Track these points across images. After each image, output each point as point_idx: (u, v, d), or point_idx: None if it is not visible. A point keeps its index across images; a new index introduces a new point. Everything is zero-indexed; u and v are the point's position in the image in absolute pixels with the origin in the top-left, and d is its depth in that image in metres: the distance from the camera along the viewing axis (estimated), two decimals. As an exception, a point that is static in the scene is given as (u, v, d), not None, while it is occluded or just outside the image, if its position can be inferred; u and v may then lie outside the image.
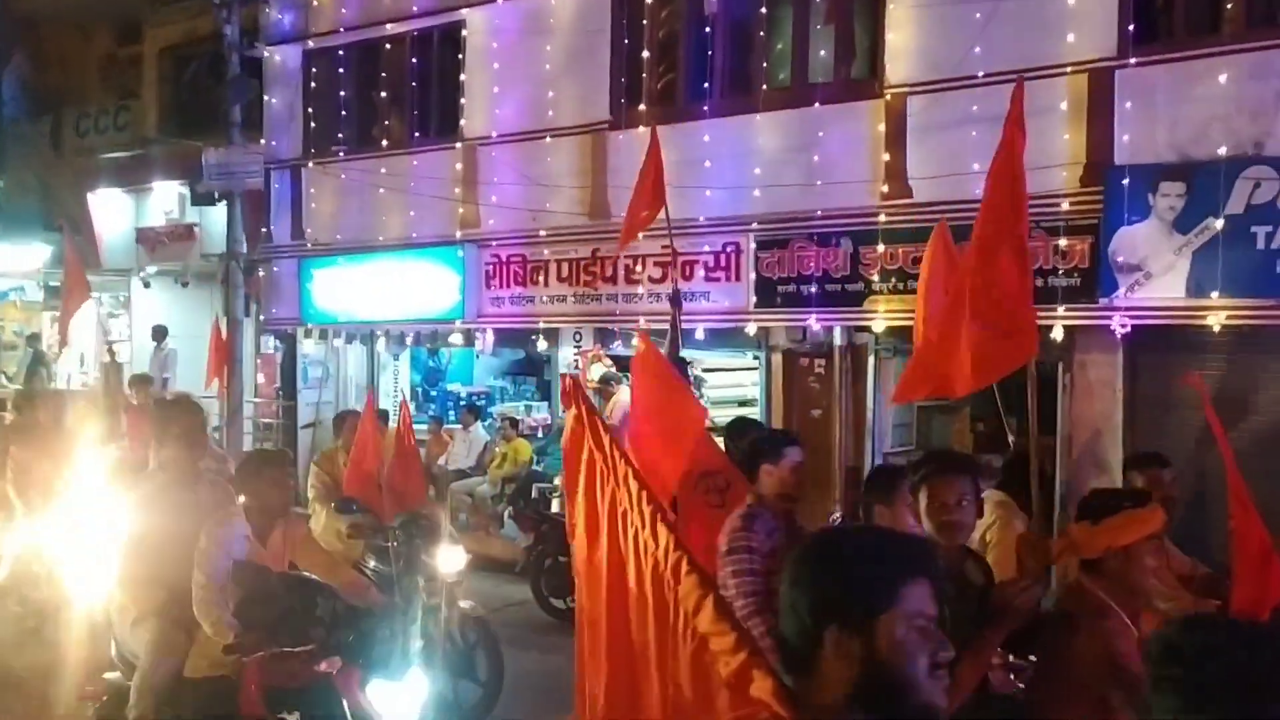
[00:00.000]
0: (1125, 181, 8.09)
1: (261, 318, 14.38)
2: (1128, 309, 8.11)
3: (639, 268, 10.75)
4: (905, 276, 9.20)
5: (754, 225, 10.04)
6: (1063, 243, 8.40)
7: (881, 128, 9.39)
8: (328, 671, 4.49)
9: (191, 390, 14.50)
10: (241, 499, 5.07)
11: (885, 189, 9.34)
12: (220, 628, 4.55)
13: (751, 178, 10.05)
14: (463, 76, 12.09)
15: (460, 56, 12.12)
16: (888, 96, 9.37)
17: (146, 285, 16.88)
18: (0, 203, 18.37)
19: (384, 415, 13.13)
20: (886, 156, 9.34)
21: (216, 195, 13.56)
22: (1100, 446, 8.85)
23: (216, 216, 14.42)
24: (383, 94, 13.00)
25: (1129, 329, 8.19)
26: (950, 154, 8.99)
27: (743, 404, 12.61)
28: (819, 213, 9.63)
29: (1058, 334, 8.49)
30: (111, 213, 16.77)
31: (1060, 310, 8.44)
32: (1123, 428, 8.65)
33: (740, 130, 10.22)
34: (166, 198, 16.14)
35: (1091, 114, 8.37)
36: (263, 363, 14.74)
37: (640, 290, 10.75)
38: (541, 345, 12.00)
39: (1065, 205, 8.41)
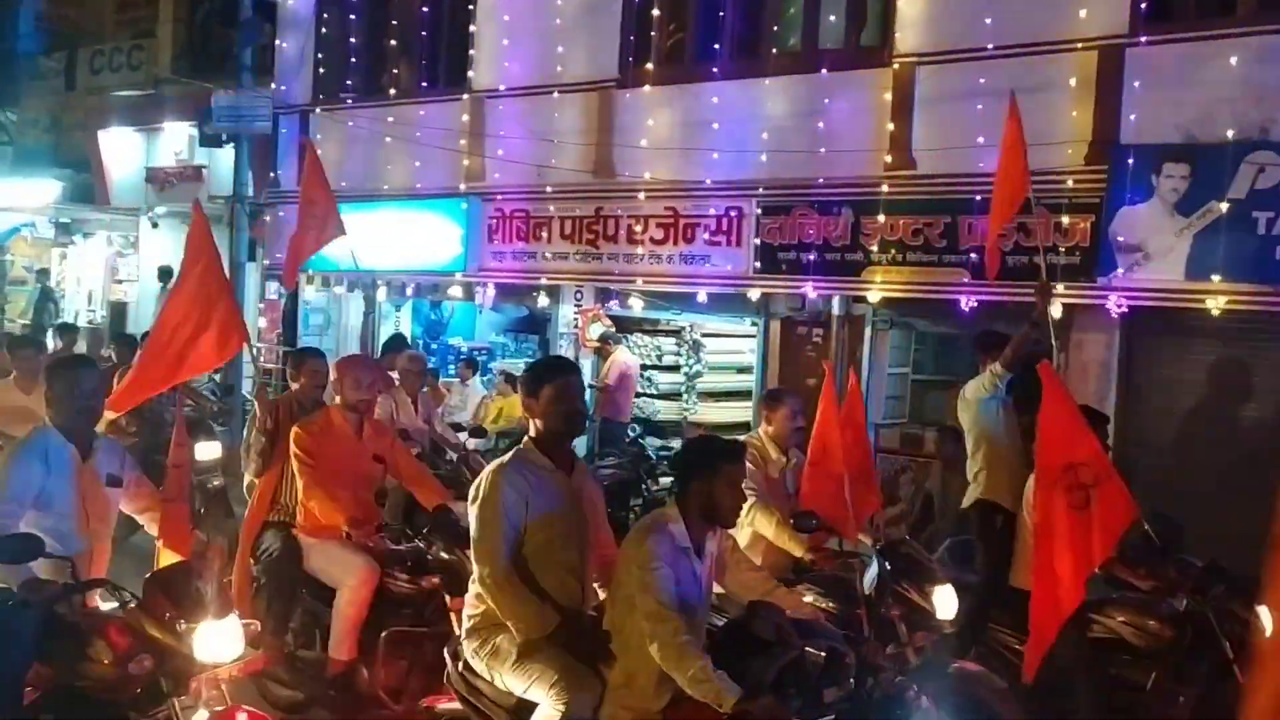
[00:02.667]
0: (1130, 161, 8.02)
1: (265, 262, 14.41)
2: (1125, 289, 8.07)
3: (640, 228, 10.72)
4: (904, 248, 9.16)
5: (758, 190, 9.99)
6: (1064, 220, 8.34)
7: (888, 97, 9.31)
8: None
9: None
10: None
11: (889, 159, 9.27)
12: (708, 685, 3.22)
13: (757, 142, 9.99)
14: (472, 28, 12.01)
15: (470, 7, 12.03)
16: (896, 65, 9.28)
17: (154, 225, 16.91)
18: (12, 137, 18.39)
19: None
20: (891, 126, 9.27)
21: (224, 138, 13.53)
22: (1092, 427, 8.84)
23: (224, 159, 14.41)
24: (392, 42, 12.94)
25: (1126, 309, 8.14)
26: (955, 127, 8.92)
27: (740, 370, 12.65)
28: (822, 180, 9.57)
29: (1055, 311, 8.44)
30: (121, 151, 16.79)
31: (1058, 288, 8.39)
32: (1116, 409, 8.61)
33: (747, 94, 10.14)
34: (176, 138, 16.14)
35: (1099, 92, 8.28)
36: (266, 308, 14.80)
37: (641, 251, 10.73)
38: (542, 302, 12.01)
39: (1069, 183, 8.34)
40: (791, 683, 3.28)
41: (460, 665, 3.89)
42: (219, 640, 3.76)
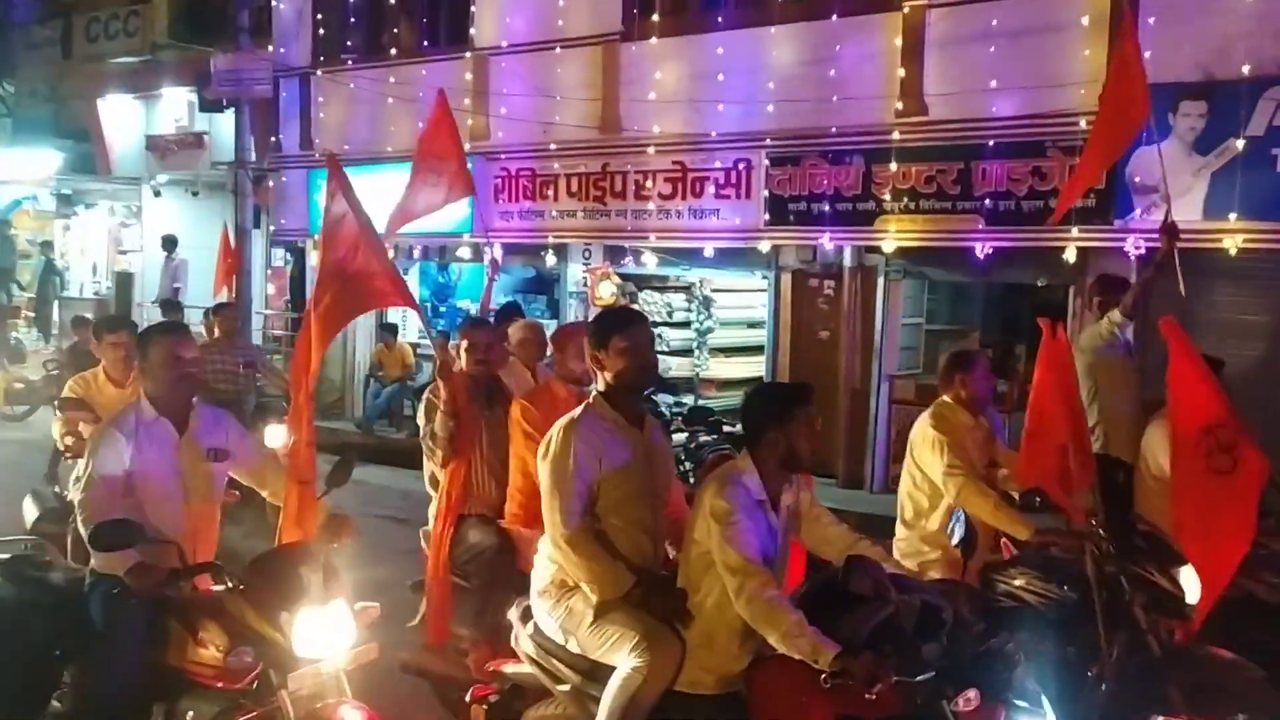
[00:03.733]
0: (1145, 100, 7.88)
1: (271, 228, 14.33)
2: (1143, 231, 7.97)
3: (649, 183, 10.61)
4: (917, 196, 9.07)
5: (766, 141, 9.88)
6: (1079, 162, 8.22)
7: (898, 42, 9.17)
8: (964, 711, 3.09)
9: (201, 301, 14.62)
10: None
11: (900, 106, 9.15)
12: (802, 640, 3.10)
13: (765, 92, 9.87)
14: (473, -18, 11.84)
15: (471, -39, 11.87)
16: (906, 9, 9.13)
17: (157, 194, 16.81)
18: (10, 109, 18.24)
19: (391, 329, 13.24)
20: (902, 72, 9.14)
21: (225, 103, 13.40)
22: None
23: (226, 124, 14.27)
24: (392, 0, 12.76)
25: (1144, 251, 8.05)
26: (968, 70, 8.81)
27: (751, 325, 12.58)
28: (833, 129, 9.46)
29: (1070, 255, 8.38)
30: (121, 120, 16.65)
31: (1074, 231, 8.31)
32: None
33: (754, 43, 10.00)
34: (176, 105, 15.99)
35: (1113, 30, 8.12)
36: (273, 274, 14.74)
37: (650, 206, 10.63)
38: (550, 261, 11.92)
39: (1083, 124, 8.20)
40: (888, 639, 3.09)
41: (530, 628, 3.77)
42: (322, 630, 3.50)
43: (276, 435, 7.13)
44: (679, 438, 8.99)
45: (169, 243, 15.87)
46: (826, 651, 3.02)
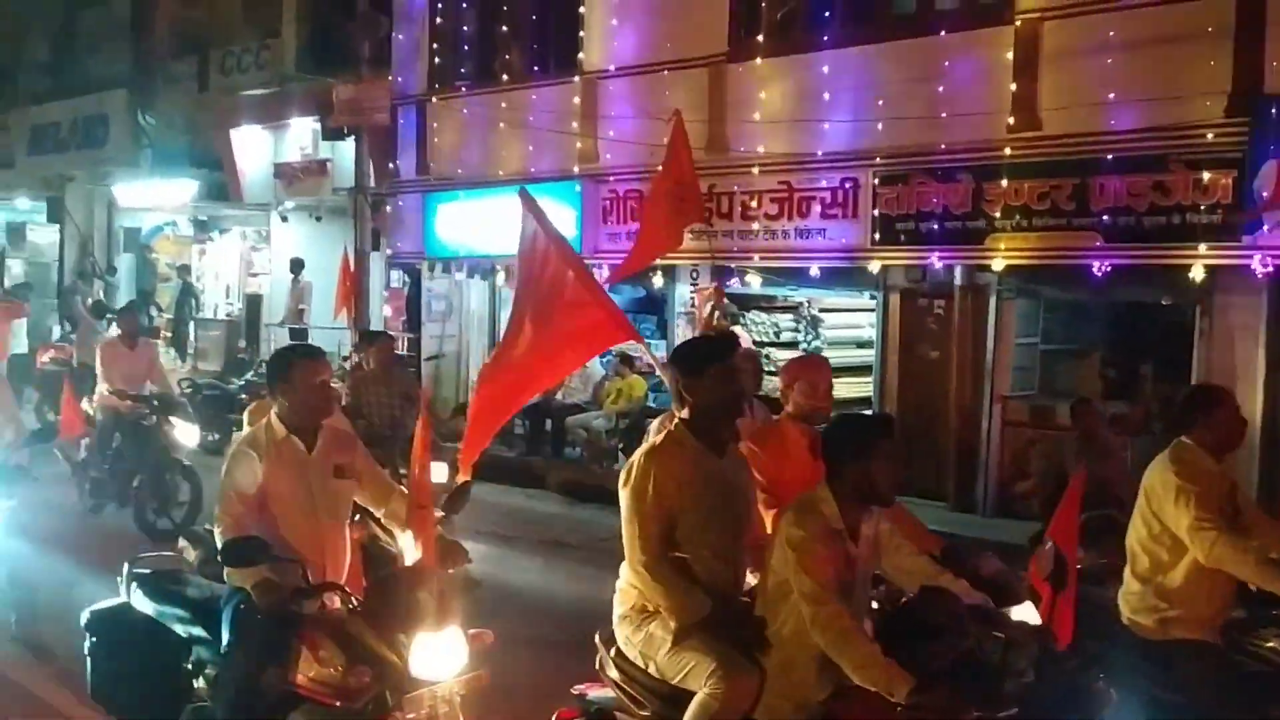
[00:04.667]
0: (1273, 111, 7.53)
1: (388, 251, 14.77)
2: (1271, 248, 7.57)
3: (755, 203, 10.58)
4: (1030, 213, 8.81)
5: (875, 160, 9.75)
6: (1204, 177, 7.88)
7: (1010, 56, 8.94)
8: None
9: (322, 322, 15.17)
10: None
11: (1012, 121, 8.92)
12: (877, 672, 3.02)
13: (872, 110, 9.73)
14: (582, 9, 12.02)
15: (580, -12, 12.06)
16: (1018, 22, 8.90)
17: (284, 219, 17.53)
18: (152, 140, 19.26)
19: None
20: (1014, 86, 8.91)
21: (346, 130, 13.91)
22: (1238, 396, 8.37)
23: (347, 152, 14.81)
24: (503, 28, 13.06)
25: (1272, 270, 7.66)
26: (1084, 83, 8.56)
27: (859, 345, 12.40)
28: (942, 146, 9.28)
29: (1196, 274, 8.02)
30: (251, 149, 17.41)
31: (1200, 249, 7.95)
32: (1264, 376, 8.15)
33: (860, 61, 9.90)
34: (302, 134, 16.67)
35: (1239, 39, 7.78)
36: (390, 296, 15.19)
37: (756, 227, 10.59)
38: (658, 282, 11.98)
39: (1209, 136, 7.88)
40: (969, 673, 2.99)
41: (613, 652, 3.77)
42: (436, 654, 3.53)
43: (440, 472, 7.02)
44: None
45: (296, 265, 16.51)
46: (901, 684, 2.95)
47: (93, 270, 20.36)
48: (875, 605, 3.82)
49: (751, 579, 3.79)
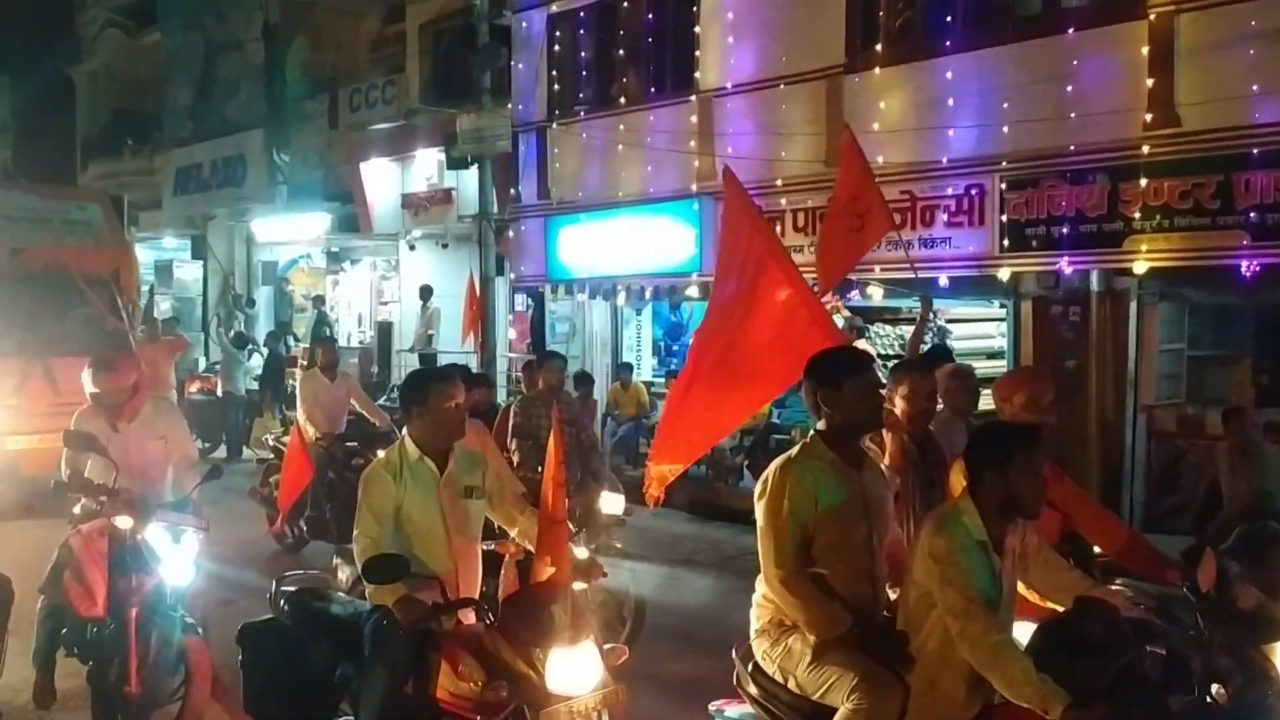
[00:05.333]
0: None
1: (512, 276, 15.04)
2: None
3: (877, 214, 10.39)
4: (1171, 213, 8.44)
5: (1002, 165, 9.48)
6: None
7: (1145, 51, 8.59)
8: None
9: (450, 346, 15.54)
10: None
11: (1148, 118, 8.56)
12: (1030, 689, 2.90)
13: (998, 114, 9.48)
14: (697, 29, 12.07)
15: (695, 9, 12.10)
16: (1152, 16, 8.56)
17: (412, 248, 18.04)
18: (286, 177, 20.11)
19: (627, 368, 13.57)
20: (1150, 82, 8.55)
21: (470, 159, 14.24)
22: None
23: (471, 180, 15.17)
24: (620, 52, 13.20)
25: None
26: (1225, 76, 8.18)
27: (990, 356, 12.04)
28: (1072, 148, 8.97)
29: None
30: (380, 181, 18.01)
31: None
32: None
33: (985, 64, 9.65)
34: (427, 164, 17.16)
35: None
36: (514, 319, 15.45)
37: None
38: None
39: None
40: (1129, 690, 2.86)
41: (750, 668, 3.73)
42: (572, 669, 3.56)
43: (615, 503, 6.90)
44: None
45: (425, 292, 16.97)
46: (1056, 702, 2.82)
47: (234, 303, 21.33)
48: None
49: (891, 594, 3.70)
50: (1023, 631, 3.26)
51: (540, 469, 4.51)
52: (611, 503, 6.85)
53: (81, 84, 27.19)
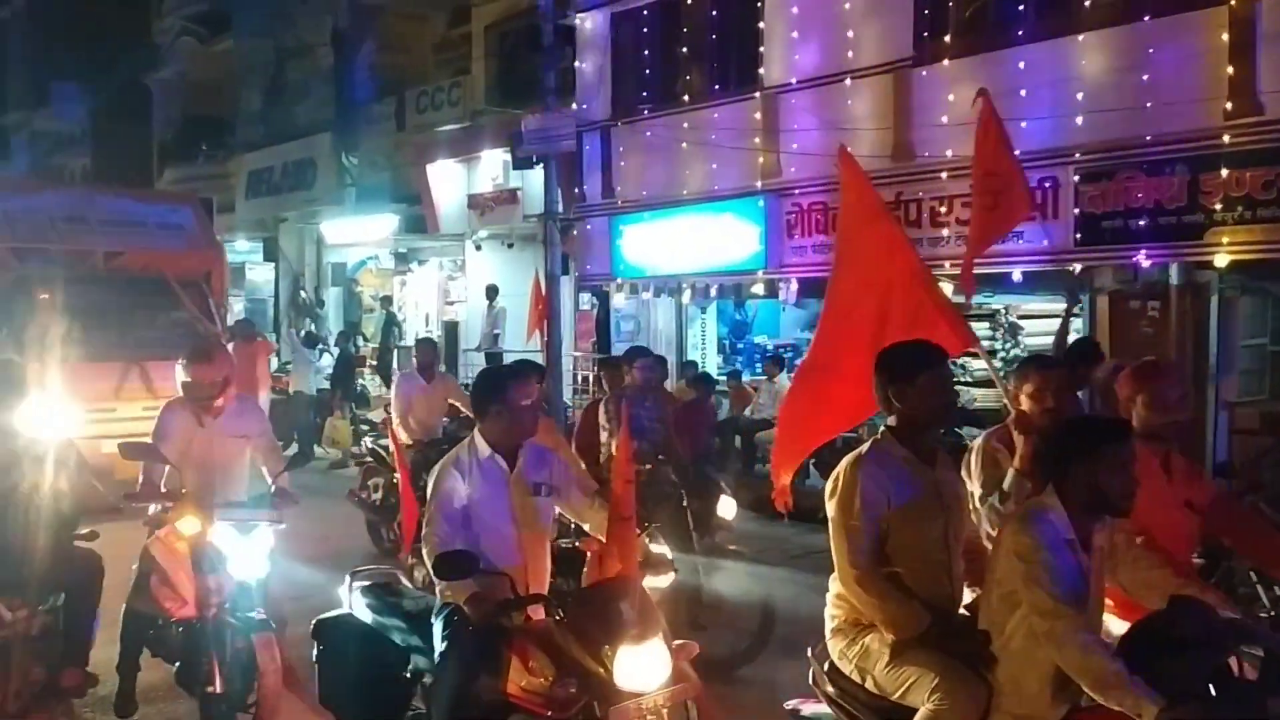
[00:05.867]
0: None
1: (577, 274, 15.09)
2: None
3: (945, 209, 10.25)
4: (1254, 204, 8.20)
5: (1076, 156, 9.29)
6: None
7: (1225, 37, 8.37)
8: None
9: (516, 345, 15.63)
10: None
11: (1229, 107, 8.33)
12: (1122, 691, 2.81)
13: (1072, 105, 9.30)
14: (761, 24, 12.01)
15: (759, 4, 12.04)
16: (1233, 2, 8.32)
17: (478, 248, 18.19)
18: (355, 179, 20.40)
19: (692, 365, 13.53)
20: (1231, 70, 8.32)
21: (535, 159, 14.29)
22: None
23: (536, 180, 15.21)
24: (683, 49, 13.18)
25: None
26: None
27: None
28: (1149, 138, 8.76)
29: None
30: (446, 182, 18.16)
31: None
32: None
33: (1058, 54, 9.47)
34: (493, 165, 17.27)
35: None
36: (579, 318, 15.49)
37: (946, 233, 10.27)
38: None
39: None
40: (1225, 690, 2.76)
41: (827, 667, 3.67)
42: (640, 666, 3.51)
43: (728, 507, 6.88)
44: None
45: (491, 292, 17.10)
46: (1150, 704, 2.72)
47: (304, 304, 21.69)
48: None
49: (968, 593, 3.62)
50: (1113, 631, 3.17)
51: (642, 465, 4.46)
52: (726, 506, 6.83)
53: (157, 91, 27.90)
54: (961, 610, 3.56)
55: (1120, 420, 3.46)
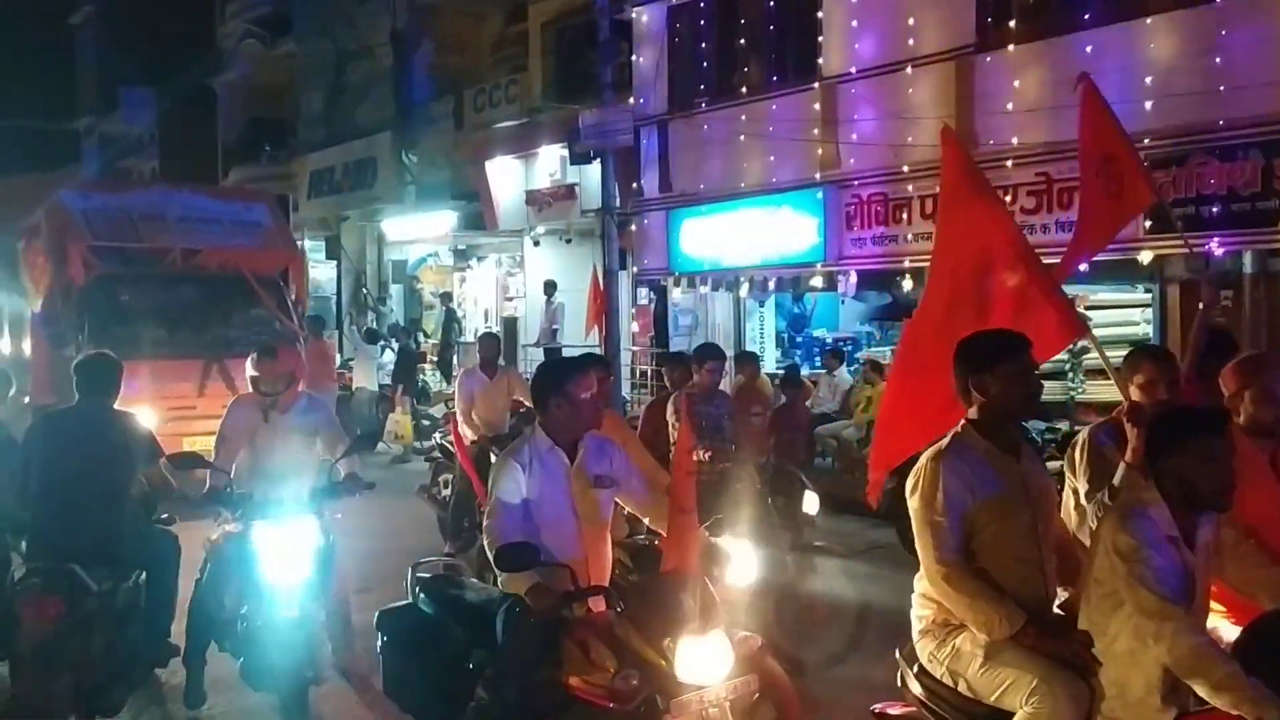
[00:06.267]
0: None
1: (634, 269, 15.10)
2: None
3: (1009, 198, 10.06)
4: (1333, 189, 7.93)
5: (1145, 142, 9.04)
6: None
7: (1303, 16, 8.11)
8: None
9: (574, 340, 15.69)
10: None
11: (1307, 88, 8.07)
12: (1239, 694, 2.74)
13: (1140, 90, 9.07)
14: (819, 14, 11.89)
15: (818, -7, 11.93)
16: (1310, -21, 8.06)
17: (536, 244, 18.29)
18: (414, 178, 20.61)
19: (751, 356, 13.43)
20: (1309, 50, 8.06)
21: (592, 154, 14.32)
22: None
23: (594, 175, 15.25)
24: (741, 42, 13.11)
25: None
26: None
27: (1134, 344, 11.52)
28: (1221, 123, 8.53)
29: None
30: (504, 179, 18.27)
31: None
32: None
33: (1126, 37, 9.26)
34: (550, 161, 17.33)
35: None
36: (637, 312, 15.51)
37: (1012, 222, 10.07)
38: (906, 286, 11.62)
39: None
40: None
41: (915, 669, 3.56)
42: (702, 659, 3.50)
43: (812, 502, 6.92)
44: (1051, 466, 8.37)
45: (550, 287, 17.17)
46: (1271, 708, 2.62)
47: (367, 301, 21.96)
48: None
49: (1061, 592, 3.47)
50: (1221, 632, 3.06)
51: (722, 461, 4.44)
52: (810, 502, 6.81)
53: (222, 94, 28.43)
54: (1055, 609, 3.43)
55: (1214, 411, 3.28)
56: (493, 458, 7.96)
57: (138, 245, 11.16)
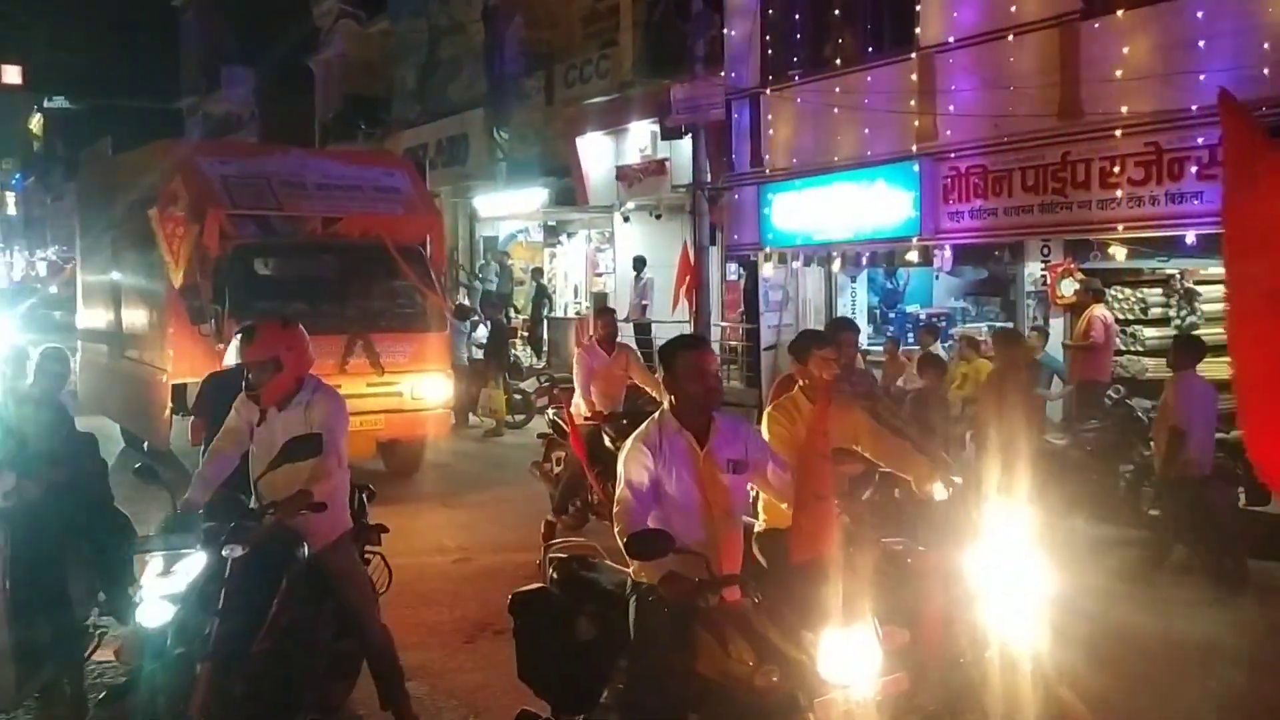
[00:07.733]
0: None
1: (725, 244, 15.02)
2: None
3: (1117, 169, 9.76)
4: None
5: (1261, 110, 8.66)
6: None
7: None
8: None
9: (662, 316, 15.71)
10: None
11: None
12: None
13: (1257, 56, 8.69)
14: (918, -18, 11.63)
15: (915, -39, 11.66)
16: None
17: (626, 219, 18.31)
18: (506, 154, 20.77)
19: (849, 323, 13.18)
20: None
21: (683, 129, 14.27)
22: None
23: (684, 150, 15.20)
24: (835, 12, 12.89)
25: None
26: None
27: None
28: (1347, 88, 8.11)
29: None
30: (595, 154, 18.32)
31: None
32: None
33: (1242, 0, 8.84)
34: (641, 136, 17.32)
35: None
36: (727, 288, 15.44)
37: (1119, 194, 9.77)
38: (1004, 260, 11.37)
39: None
40: None
41: None
42: (846, 654, 3.33)
43: (941, 490, 6.63)
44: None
45: (639, 262, 17.21)
46: None
47: (458, 278, 22.28)
48: None
49: None
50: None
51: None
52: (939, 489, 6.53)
53: (319, 72, 29.04)
54: None
55: None
56: (605, 438, 8.08)
57: (278, 213, 10.36)
